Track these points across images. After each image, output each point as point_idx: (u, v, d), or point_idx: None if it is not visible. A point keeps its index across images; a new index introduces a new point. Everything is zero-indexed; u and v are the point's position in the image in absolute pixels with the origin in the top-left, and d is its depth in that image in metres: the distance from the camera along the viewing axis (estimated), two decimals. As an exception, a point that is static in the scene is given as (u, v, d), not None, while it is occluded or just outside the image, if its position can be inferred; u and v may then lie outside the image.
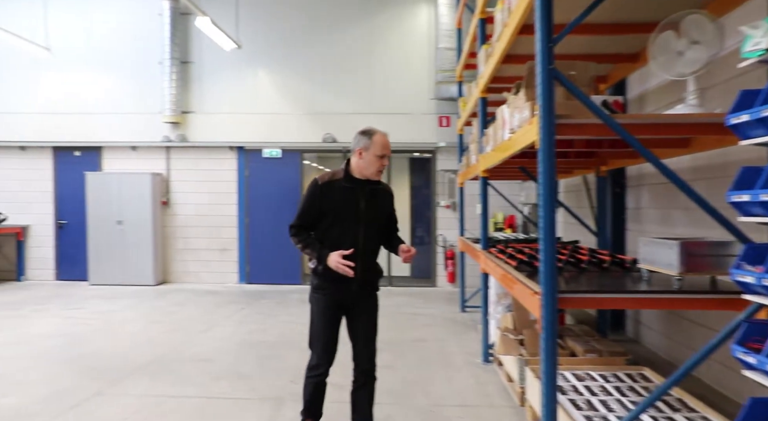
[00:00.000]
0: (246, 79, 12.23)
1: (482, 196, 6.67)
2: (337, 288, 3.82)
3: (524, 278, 4.09)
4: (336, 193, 3.80)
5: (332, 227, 3.81)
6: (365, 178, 3.86)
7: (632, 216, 6.97)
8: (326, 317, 3.87)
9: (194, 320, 8.59)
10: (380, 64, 12.11)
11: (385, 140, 3.87)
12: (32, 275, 12.50)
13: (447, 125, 11.88)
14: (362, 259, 3.81)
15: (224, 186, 12.26)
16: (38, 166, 12.47)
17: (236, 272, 12.26)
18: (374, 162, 3.80)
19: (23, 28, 11.58)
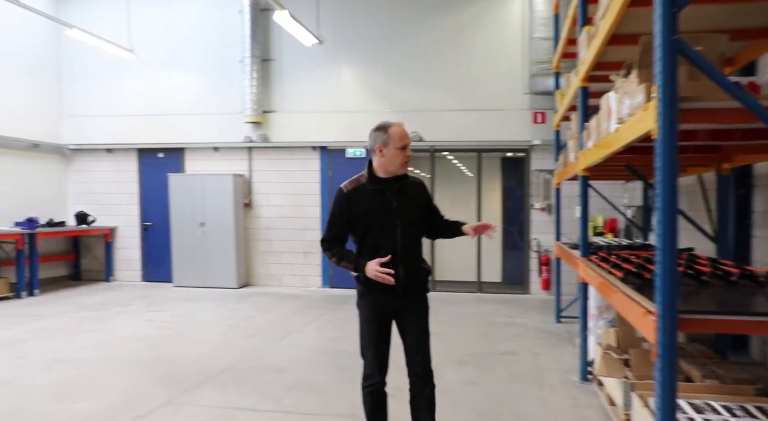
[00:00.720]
0: (328, 76, 11.89)
1: (582, 198, 5.95)
2: (382, 295, 3.65)
3: (633, 293, 3.44)
4: (364, 198, 3.66)
5: (367, 235, 3.66)
6: (392, 175, 3.68)
7: (760, 221, 6.03)
8: (373, 325, 3.71)
9: (273, 326, 8.25)
10: (469, 58, 11.48)
11: (402, 130, 3.67)
12: (120, 275, 12.63)
13: (542, 122, 11.11)
14: (404, 261, 3.64)
15: (307, 187, 11.96)
16: (124, 168, 12.60)
17: (319, 275, 11.93)
18: (397, 155, 3.61)
19: (107, 31, 11.68)
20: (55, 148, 12.43)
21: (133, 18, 11.85)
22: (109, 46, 10.70)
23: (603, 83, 5.95)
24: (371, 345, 3.70)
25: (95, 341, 7.30)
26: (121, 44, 11.13)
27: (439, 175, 11.89)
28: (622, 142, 3.73)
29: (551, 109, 10.90)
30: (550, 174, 11.14)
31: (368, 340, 3.71)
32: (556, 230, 9.19)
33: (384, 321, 3.73)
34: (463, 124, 11.37)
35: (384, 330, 3.73)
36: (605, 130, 4.42)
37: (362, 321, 3.76)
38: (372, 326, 3.70)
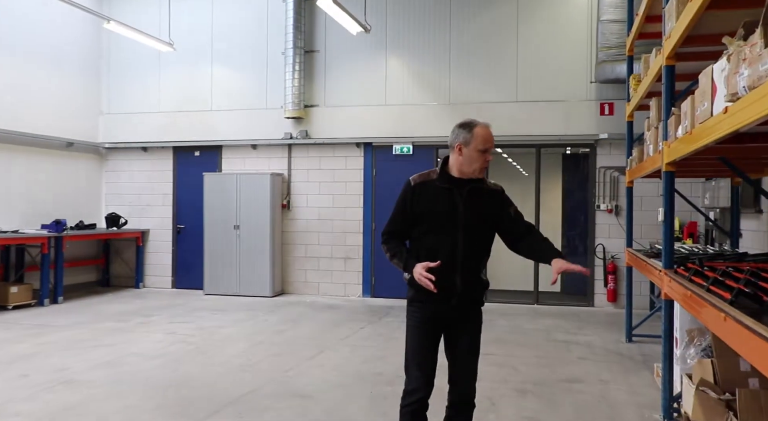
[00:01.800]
0: (374, 68, 11.00)
1: (666, 198, 4.84)
2: (433, 302, 3.37)
3: (753, 323, 2.51)
4: (430, 194, 3.41)
5: (427, 234, 3.40)
6: (466, 177, 3.41)
7: None
8: (422, 333, 3.43)
9: (304, 342, 7.38)
10: (528, 44, 10.40)
11: (488, 132, 3.41)
12: (150, 282, 11.99)
13: (610, 113, 9.93)
14: (462, 270, 3.37)
15: (349, 187, 11.09)
16: (159, 167, 11.98)
17: (360, 283, 11.02)
18: (476, 158, 3.36)
19: (146, 25, 11.09)
20: (90, 147, 11.91)
21: (172, 10, 11.20)
22: (147, 39, 10.11)
23: (694, 62, 4.89)
24: (417, 356, 3.42)
25: (107, 358, 6.56)
26: (161, 38, 10.52)
27: (493, 174, 10.84)
28: (735, 126, 2.76)
29: (621, 99, 9.72)
30: (619, 172, 9.96)
31: (415, 350, 3.44)
32: (627, 234, 8.04)
33: (433, 331, 3.45)
34: (521, 117, 10.29)
35: (432, 340, 3.44)
36: (705, 113, 3.36)
37: (409, 328, 3.49)
38: (420, 335, 3.43)
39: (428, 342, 3.43)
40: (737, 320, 2.68)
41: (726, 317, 2.85)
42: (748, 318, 2.64)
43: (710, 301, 3.13)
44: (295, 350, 6.97)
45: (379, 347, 7.11)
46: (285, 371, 6.08)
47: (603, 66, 9.58)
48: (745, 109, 2.55)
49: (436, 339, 3.47)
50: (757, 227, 7.78)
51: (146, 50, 11.47)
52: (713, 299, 3.13)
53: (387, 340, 7.51)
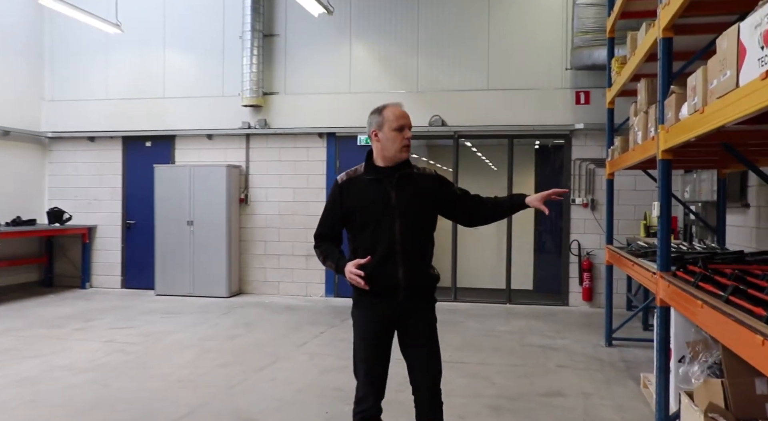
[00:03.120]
0: (338, 53, 10.32)
1: (662, 191, 4.26)
2: (379, 301, 3.19)
3: None
4: (360, 189, 3.26)
5: (363, 230, 3.21)
6: (392, 163, 3.26)
7: None
8: (369, 337, 3.26)
9: (257, 349, 6.70)
10: (500, 30, 9.81)
11: (399, 110, 3.29)
12: (98, 281, 11.15)
13: (586, 102, 9.40)
14: (405, 262, 3.19)
15: (312, 180, 10.40)
16: (107, 158, 11.14)
17: (323, 282, 10.34)
18: (394, 138, 3.21)
19: (91, 3, 10.21)
20: (31, 137, 11.02)
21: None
22: (92, 19, 9.28)
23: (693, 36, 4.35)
24: (364, 361, 3.26)
25: (31, 372, 5.79)
26: (107, 19, 9.67)
27: (464, 166, 10.25)
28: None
29: (598, 87, 9.22)
30: (596, 164, 9.46)
31: (361, 355, 3.27)
32: (607, 231, 7.51)
33: (381, 333, 3.25)
34: (493, 106, 9.71)
35: (381, 344, 3.25)
36: (725, 84, 2.78)
37: (355, 333, 3.32)
38: (366, 339, 3.26)
39: (375, 347, 3.26)
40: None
41: (765, 341, 2.26)
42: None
43: (739, 319, 2.54)
44: (246, 359, 6.28)
45: (340, 355, 6.47)
46: (231, 385, 5.40)
47: (579, 52, 9.04)
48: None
49: (386, 343, 3.27)
50: (743, 221, 7.31)
51: (93, 33, 10.62)
52: (742, 316, 2.55)
53: (349, 346, 6.80)
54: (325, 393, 5.24)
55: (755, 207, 7.01)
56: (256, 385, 5.44)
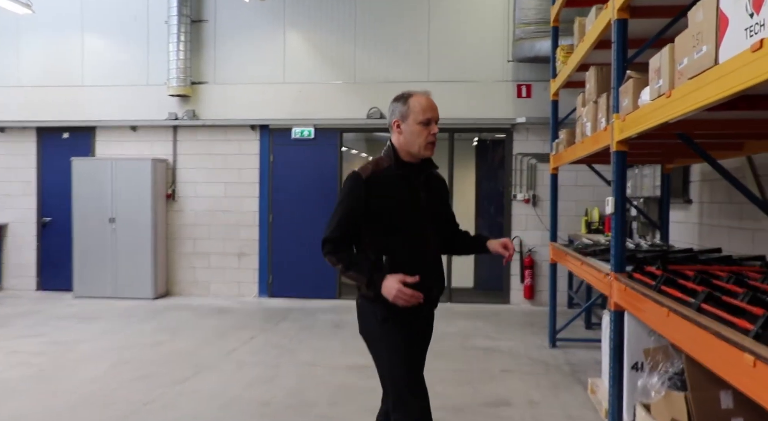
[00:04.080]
0: (271, 41, 9.78)
1: (617, 186, 3.96)
2: (413, 315, 2.87)
3: None
4: (388, 187, 2.86)
5: (392, 234, 2.84)
6: (415, 159, 2.93)
7: None
8: (415, 354, 2.91)
9: (180, 358, 6.14)
10: (440, 20, 9.47)
11: (427, 100, 2.92)
12: (10, 284, 10.26)
13: (528, 96, 9.17)
14: (435, 271, 2.98)
15: (244, 174, 9.83)
16: (20, 151, 10.26)
17: (256, 282, 9.80)
18: (419, 133, 2.86)
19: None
20: (-67, 127, 10.07)
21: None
22: (0, 0, 8.44)
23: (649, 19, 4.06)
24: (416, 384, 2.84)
25: None
26: None
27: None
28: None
29: (540, 81, 9.01)
30: (537, 159, 9.24)
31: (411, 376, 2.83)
32: (551, 227, 7.26)
33: (421, 348, 3.00)
34: (433, 99, 9.33)
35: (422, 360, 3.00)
36: (701, 61, 2.45)
37: (394, 350, 2.83)
38: (412, 356, 2.87)
39: (420, 365, 2.96)
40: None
41: (757, 362, 1.94)
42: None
43: (723, 335, 2.22)
44: (166, 370, 5.73)
45: (271, 364, 5.99)
46: (146, 402, 4.85)
47: (521, 43, 8.79)
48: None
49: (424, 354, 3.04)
50: (686, 217, 7.19)
51: (1, 14, 9.73)
52: (725, 331, 2.24)
53: (281, 353, 6.40)
54: (250, 408, 4.76)
55: (698, 203, 6.88)
56: (174, 400, 4.91)
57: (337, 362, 6.07)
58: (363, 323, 2.98)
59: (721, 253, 4.90)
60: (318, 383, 5.38)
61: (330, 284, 9.63)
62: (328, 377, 5.56)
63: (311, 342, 6.92)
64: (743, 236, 5.62)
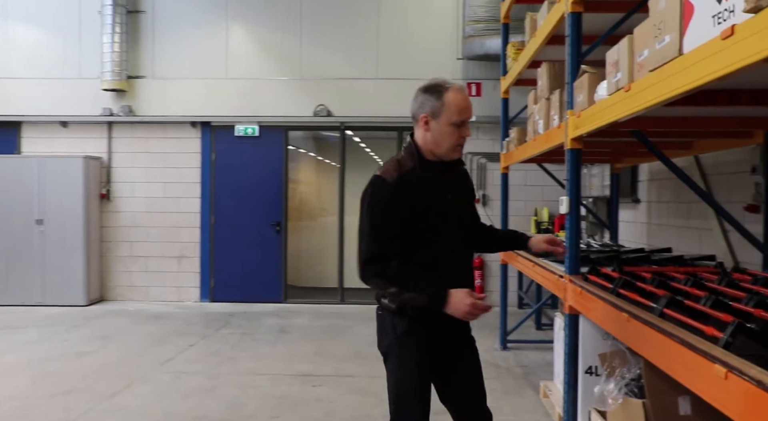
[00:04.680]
0: (213, 35, 9.38)
1: (572, 184, 3.80)
2: (439, 327, 2.55)
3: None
4: (416, 190, 2.52)
5: (424, 246, 2.53)
6: (438, 158, 2.58)
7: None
8: (426, 377, 2.62)
9: (111, 370, 5.73)
10: (390, 16, 9.25)
11: (464, 98, 2.54)
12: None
13: (477, 94, 9.02)
14: (464, 280, 2.60)
15: (184, 174, 9.41)
16: (-62, 147, 9.63)
17: (197, 286, 9.38)
18: (450, 134, 2.52)
19: None
20: None
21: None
22: None
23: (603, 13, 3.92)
24: (418, 407, 2.58)
25: None
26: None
27: (351, 161, 9.64)
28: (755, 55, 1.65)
29: (490, 79, 8.91)
30: (487, 158, 9.12)
31: (414, 399, 2.58)
32: (502, 226, 7.10)
33: (438, 368, 2.67)
34: (382, 97, 9.15)
35: (429, 385, 2.67)
36: (664, 52, 2.28)
37: (404, 369, 2.60)
38: (423, 377, 2.61)
39: (428, 389, 2.65)
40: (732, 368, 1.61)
41: (729, 374, 1.77)
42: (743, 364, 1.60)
43: (692, 344, 2.05)
44: (94, 383, 5.32)
45: (210, 373, 5.65)
46: (69, 420, 4.47)
47: (471, 41, 8.66)
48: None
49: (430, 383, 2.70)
50: (634, 217, 7.17)
51: None
52: (693, 340, 2.07)
53: (222, 361, 6.06)
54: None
55: (646, 202, 6.86)
56: (101, 417, 4.53)
57: (281, 370, 5.78)
58: (380, 336, 2.70)
59: (671, 252, 4.84)
60: (260, 394, 5.08)
61: (275, 286, 9.31)
62: (271, 387, 5.27)
63: (254, 349, 6.60)
64: (691, 235, 5.59)
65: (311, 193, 10.73)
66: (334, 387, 5.29)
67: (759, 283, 2.89)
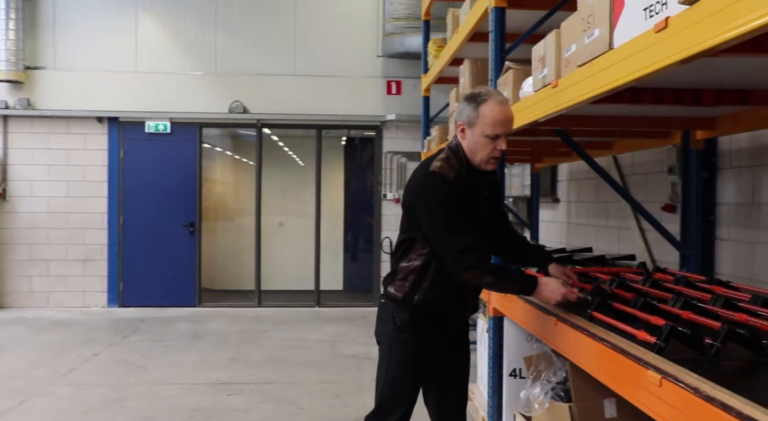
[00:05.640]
0: (121, 25, 8.90)
1: (498, 182, 3.72)
2: (444, 323, 2.72)
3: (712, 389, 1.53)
4: (466, 192, 2.56)
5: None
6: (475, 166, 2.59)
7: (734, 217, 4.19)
8: (418, 372, 2.71)
9: (3, 384, 5.26)
10: (308, 11, 9.05)
11: (502, 111, 2.49)
12: None
13: (398, 92, 8.96)
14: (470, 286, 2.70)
15: (90, 172, 8.87)
16: None
17: (104, 291, 8.86)
18: (484, 146, 2.51)
19: None
20: None
21: None
22: None
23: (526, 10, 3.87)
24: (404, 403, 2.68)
25: None
26: None
27: (268, 160, 9.39)
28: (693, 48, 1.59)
29: (411, 78, 8.86)
30: (408, 157, 9.06)
31: (405, 394, 2.68)
32: (422, 228, 7.04)
33: (429, 365, 2.75)
34: (300, 94, 8.94)
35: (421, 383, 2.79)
36: (594, 46, 2.21)
37: (399, 364, 2.67)
38: (415, 374, 2.72)
39: (418, 386, 2.78)
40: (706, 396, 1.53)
41: (663, 381, 1.70)
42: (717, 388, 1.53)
43: (623, 349, 1.98)
44: (-15, 399, 4.89)
45: (116, 384, 5.29)
46: (-47, 443, 4.06)
47: (391, 38, 8.57)
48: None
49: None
50: (554, 216, 7.27)
51: None
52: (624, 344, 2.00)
53: (130, 371, 5.70)
54: (89, 442, 4.11)
55: (565, 202, 6.96)
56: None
57: (194, 379, 5.49)
58: (379, 324, 2.77)
59: (592, 252, 4.88)
60: (171, 406, 4.78)
61: (188, 290, 8.94)
62: (183, 398, 4.98)
63: (165, 357, 6.25)
64: (610, 235, 5.67)
65: (227, 193, 10.38)
66: (251, 396, 5.06)
67: (681, 283, 2.88)
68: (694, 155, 3.82)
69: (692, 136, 3.78)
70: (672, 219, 4.27)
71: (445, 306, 2.70)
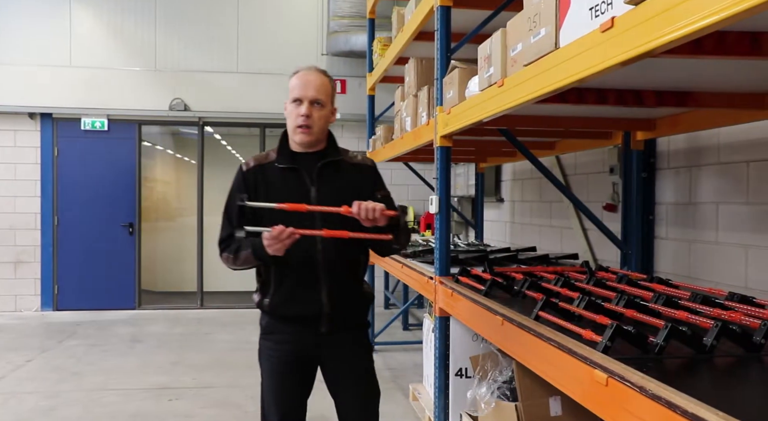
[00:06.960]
0: (54, 17, 8.54)
1: (441, 184, 3.70)
2: (297, 330, 2.48)
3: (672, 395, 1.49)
4: (271, 181, 2.46)
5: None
6: (308, 149, 2.47)
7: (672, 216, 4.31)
8: (283, 379, 2.51)
9: (-72, 394, 5.01)
10: (251, 8, 8.88)
11: (304, 75, 2.49)
12: None
13: (342, 91, 8.85)
14: (329, 281, 2.43)
15: (21, 171, 8.49)
16: None
17: (38, 294, 8.49)
18: (290, 114, 2.45)
19: None
20: None
21: None
22: None
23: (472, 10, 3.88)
24: (276, 411, 2.50)
25: None
26: None
27: (210, 159, 9.18)
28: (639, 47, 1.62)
29: (355, 76, 8.80)
30: (352, 157, 9.00)
31: (272, 403, 2.52)
32: (368, 228, 7.01)
33: (299, 374, 2.53)
34: (242, 91, 8.77)
35: (297, 388, 2.54)
36: (540, 45, 2.21)
37: (264, 374, 2.56)
38: (279, 382, 2.52)
39: (290, 392, 2.54)
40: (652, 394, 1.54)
41: (609, 380, 1.71)
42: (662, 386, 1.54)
43: (570, 348, 1.98)
44: None
45: (49, 392, 5.07)
46: None
47: (335, 37, 8.49)
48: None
49: (304, 385, 2.57)
50: (498, 216, 7.34)
51: None
52: (571, 344, 2.00)
53: (64, 378, 5.47)
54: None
55: (509, 201, 7.04)
56: None
57: (134, 384, 5.31)
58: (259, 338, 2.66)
59: (536, 251, 4.94)
60: (109, 413, 4.60)
61: (127, 292, 8.66)
62: (122, 404, 4.81)
63: (103, 362, 6.03)
64: (552, 234, 5.76)
65: (168, 193, 10.10)
66: (193, 400, 4.93)
67: (623, 281, 2.93)
68: (634, 156, 3.89)
69: (633, 137, 3.86)
70: (613, 218, 4.36)
71: (294, 307, 2.48)
